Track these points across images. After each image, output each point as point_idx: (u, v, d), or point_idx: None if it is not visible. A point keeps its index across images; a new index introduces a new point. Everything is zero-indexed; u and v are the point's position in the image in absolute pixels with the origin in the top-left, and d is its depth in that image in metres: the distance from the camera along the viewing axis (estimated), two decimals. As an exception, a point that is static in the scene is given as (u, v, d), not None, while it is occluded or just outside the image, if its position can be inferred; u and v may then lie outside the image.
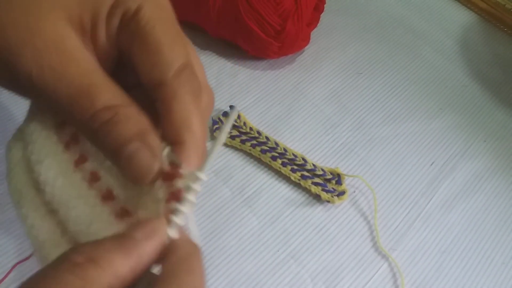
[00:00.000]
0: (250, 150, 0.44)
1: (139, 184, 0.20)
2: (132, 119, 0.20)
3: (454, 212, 0.44)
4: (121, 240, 0.18)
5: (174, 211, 0.19)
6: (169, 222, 0.19)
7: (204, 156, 0.22)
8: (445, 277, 0.40)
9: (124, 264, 0.17)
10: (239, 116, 0.46)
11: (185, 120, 0.21)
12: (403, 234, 0.42)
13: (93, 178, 0.22)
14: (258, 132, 0.45)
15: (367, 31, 0.58)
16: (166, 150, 0.20)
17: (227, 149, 0.45)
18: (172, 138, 0.21)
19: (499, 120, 0.52)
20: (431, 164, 0.47)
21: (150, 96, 0.21)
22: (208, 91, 0.23)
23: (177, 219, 0.19)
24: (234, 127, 0.45)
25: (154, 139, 0.20)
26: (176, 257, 0.18)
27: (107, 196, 0.21)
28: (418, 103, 0.52)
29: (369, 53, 0.55)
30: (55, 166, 0.21)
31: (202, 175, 0.20)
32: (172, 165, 0.20)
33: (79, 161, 0.22)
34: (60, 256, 0.17)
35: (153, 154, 0.20)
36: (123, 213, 0.21)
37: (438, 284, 0.40)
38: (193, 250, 0.19)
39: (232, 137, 0.45)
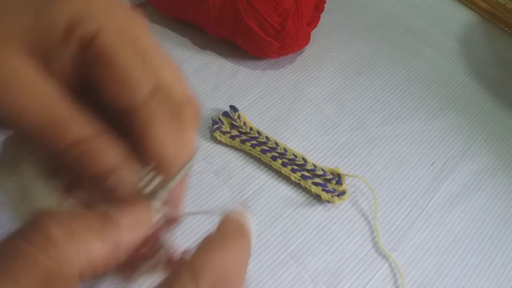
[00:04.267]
0: (250, 150, 0.44)
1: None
2: (106, 151, 0.19)
3: (454, 212, 0.44)
4: (104, 222, 0.17)
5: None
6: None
7: (185, 176, 0.21)
8: (445, 277, 0.40)
9: (100, 249, 0.17)
10: (239, 116, 0.46)
11: (163, 144, 0.20)
12: (404, 234, 0.42)
13: (70, 188, 0.22)
14: (258, 132, 0.45)
15: (367, 30, 0.57)
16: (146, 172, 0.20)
17: (227, 149, 0.45)
18: (152, 161, 0.20)
19: (500, 120, 0.52)
20: (432, 164, 0.47)
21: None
22: (189, 103, 0.22)
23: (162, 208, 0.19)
24: (234, 127, 0.45)
25: (130, 167, 0.20)
26: (233, 227, 0.19)
27: (87, 205, 0.21)
28: (419, 103, 0.52)
29: (370, 53, 0.55)
30: (36, 181, 0.21)
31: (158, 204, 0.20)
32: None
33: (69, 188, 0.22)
34: (36, 221, 0.16)
35: (132, 185, 0.19)
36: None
37: (438, 284, 0.40)
38: (245, 231, 0.19)
39: (232, 137, 0.44)
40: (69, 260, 0.16)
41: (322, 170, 0.43)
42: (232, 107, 0.46)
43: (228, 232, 0.19)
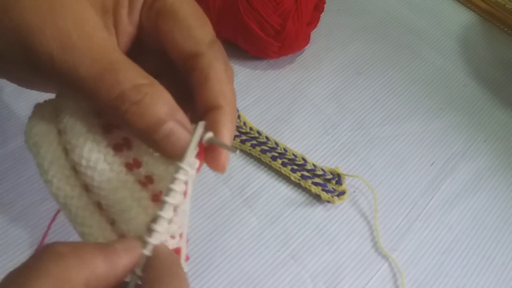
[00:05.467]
0: (250, 150, 0.44)
1: (176, 160, 0.21)
2: (161, 98, 0.20)
3: (454, 212, 0.44)
4: (103, 245, 0.19)
5: (150, 231, 0.20)
6: (149, 230, 0.20)
7: (236, 120, 0.23)
8: (445, 277, 0.40)
9: (102, 265, 0.18)
10: (239, 116, 0.46)
11: (221, 87, 0.22)
12: (404, 234, 0.42)
13: (119, 148, 0.22)
14: (258, 132, 0.45)
15: (367, 31, 0.58)
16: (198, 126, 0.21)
17: (227, 149, 0.45)
18: (211, 104, 0.22)
19: (499, 120, 0.52)
20: (432, 164, 0.47)
21: (177, 72, 0.23)
22: (229, 64, 0.25)
23: (153, 239, 0.20)
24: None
25: (183, 115, 0.21)
26: (161, 264, 0.19)
27: (132, 165, 0.22)
28: (418, 103, 0.52)
29: (369, 53, 0.55)
30: (95, 150, 0.21)
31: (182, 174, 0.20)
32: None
33: (118, 147, 0.22)
34: (45, 246, 0.17)
35: (188, 130, 0.21)
36: (147, 181, 0.22)
37: (438, 284, 0.40)
38: (174, 257, 0.20)
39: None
40: (76, 269, 0.17)
41: (322, 170, 0.43)
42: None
43: (173, 271, 0.20)
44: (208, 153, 0.22)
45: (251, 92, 0.49)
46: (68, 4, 0.20)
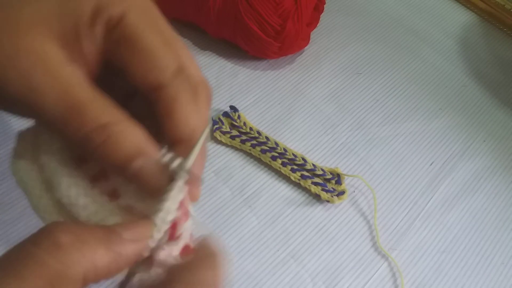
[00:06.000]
0: (250, 150, 0.44)
1: (154, 196, 0.20)
2: (128, 136, 0.20)
3: (453, 212, 0.44)
4: (108, 233, 0.18)
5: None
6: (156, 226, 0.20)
7: (204, 153, 0.22)
8: (444, 277, 0.40)
9: (105, 258, 0.17)
10: (239, 116, 0.46)
11: (187, 120, 0.21)
12: (403, 234, 0.42)
13: (97, 178, 0.22)
14: (258, 132, 0.45)
15: (367, 31, 0.58)
16: (169, 155, 0.21)
17: (227, 149, 0.45)
18: (176, 138, 0.21)
19: (498, 120, 0.52)
20: (431, 164, 0.47)
21: (146, 99, 0.21)
22: (204, 85, 0.23)
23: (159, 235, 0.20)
24: (234, 127, 0.46)
25: (153, 149, 0.20)
26: (206, 251, 0.20)
27: (112, 194, 0.22)
28: (418, 103, 0.52)
29: (369, 53, 0.55)
30: (60, 170, 0.21)
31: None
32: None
33: (96, 178, 0.22)
34: (45, 229, 0.17)
35: (157, 167, 0.20)
36: (130, 210, 0.21)
37: (437, 283, 0.40)
38: (218, 253, 0.20)
39: (232, 137, 0.45)
40: (74, 263, 0.16)
41: (322, 170, 0.43)
42: (232, 107, 0.46)
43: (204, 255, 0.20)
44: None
45: (251, 92, 0.49)
46: (30, 42, 0.19)
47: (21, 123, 0.43)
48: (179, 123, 0.21)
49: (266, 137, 0.45)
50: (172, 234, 0.20)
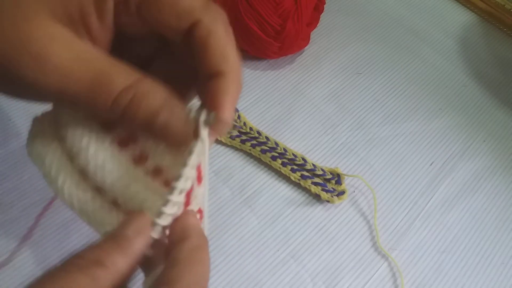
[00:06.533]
0: (250, 150, 0.44)
1: (179, 148, 0.21)
2: (152, 91, 0.20)
3: (453, 212, 0.44)
4: (117, 240, 0.19)
5: (159, 213, 0.20)
6: (159, 215, 0.20)
7: (241, 85, 0.22)
8: (444, 277, 0.40)
9: (124, 262, 0.18)
10: (239, 116, 0.46)
11: (223, 53, 0.21)
12: (403, 234, 0.42)
13: (125, 143, 0.22)
14: (258, 132, 0.45)
15: (367, 31, 0.58)
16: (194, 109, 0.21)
17: (227, 149, 0.45)
18: (212, 71, 0.21)
19: (498, 120, 0.52)
20: (431, 164, 0.47)
21: (169, 56, 0.22)
22: (229, 26, 0.24)
23: (161, 221, 0.20)
24: (234, 127, 0.46)
25: (177, 103, 0.21)
26: (188, 246, 0.19)
27: (140, 158, 0.22)
28: (418, 103, 0.52)
29: (369, 53, 0.55)
30: (87, 135, 0.22)
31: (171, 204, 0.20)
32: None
33: (124, 142, 0.22)
34: (64, 261, 0.18)
35: (183, 117, 0.21)
36: (156, 172, 0.22)
37: (437, 283, 0.40)
38: (204, 242, 0.20)
39: (232, 137, 0.45)
40: (102, 276, 0.18)
41: (322, 170, 0.43)
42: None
43: (195, 245, 0.20)
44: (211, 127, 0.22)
45: (251, 92, 0.49)
46: (37, 28, 0.19)
47: (21, 123, 0.43)
48: (219, 54, 0.21)
49: (266, 137, 0.45)
50: (187, 201, 0.21)
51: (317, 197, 0.43)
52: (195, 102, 0.22)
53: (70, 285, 0.17)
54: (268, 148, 0.44)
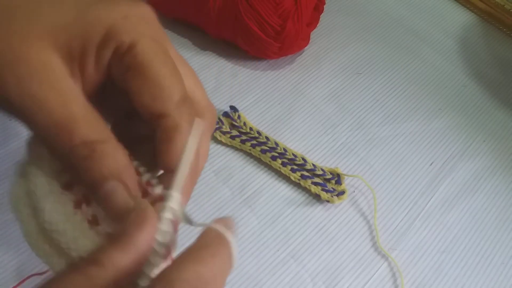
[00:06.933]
0: (250, 150, 0.44)
1: (117, 221, 0.21)
2: (109, 156, 0.20)
3: (453, 212, 0.44)
4: (116, 237, 0.19)
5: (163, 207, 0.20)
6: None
7: (197, 177, 0.23)
8: (444, 277, 0.40)
9: (124, 257, 0.18)
10: (239, 116, 0.46)
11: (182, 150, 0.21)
12: (403, 234, 0.42)
13: (79, 204, 0.22)
14: (258, 132, 0.45)
15: (367, 31, 0.58)
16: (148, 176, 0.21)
17: (227, 149, 0.45)
18: (170, 167, 0.21)
19: (498, 120, 0.52)
20: (431, 164, 0.47)
21: (146, 124, 0.22)
22: (209, 109, 0.24)
23: (168, 212, 0.20)
24: (234, 127, 0.46)
25: (130, 175, 0.21)
26: (212, 238, 0.19)
27: (92, 221, 0.22)
28: (418, 103, 0.52)
29: (369, 53, 0.55)
30: (47, 195, 0.22)
31: (176, 194, 0.20)
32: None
33: (78, 202, 0.22)
34: (64, 268, 0.18)
35: (129, 192, 0.20)
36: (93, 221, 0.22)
37: (437, 283, 0.40)
38: (225, 241, 0.19)
39: (232, 137, 0.45)
40: (99, 275, 0.17)
41: (322, 170, 0.43)
42: (232, 107, 0.46)
43: (207, 243, 0.19)
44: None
45: (251, 92, 0.49)
46: (33, 51, 0.20)
47: (21, 123, 0.43)
48: (176, 152, 0.21)
49: (266, 137, 0.45)
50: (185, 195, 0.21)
51: (317, 197, 0.43)
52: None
53: (64, 284, 0.17)
54: (268, 148, 0.44)
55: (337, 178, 0.43)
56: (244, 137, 0.45)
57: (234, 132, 0.45)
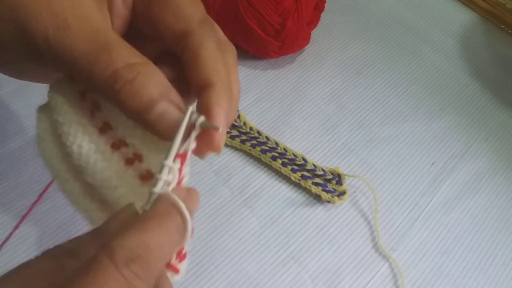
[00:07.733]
0: (250, 150, 0.44)
1: (169, 139, 0.21)
2: (155, 78, 0.20)
3: (454, 213, 0.44)
4: (98, 233, 0.19)
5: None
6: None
7: (233, 99, 0.23)
8: (445, 278, 0.40)
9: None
10: (239, 116, 0.46)
11: (213, 65, 0.22)
12: (404, 235, 0.42)
13: (117, 144, 0.22)
14: (258, 132, 0.45)
15: (367, 30, 0.57)
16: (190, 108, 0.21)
17: (227, 149, 0.45)
18: (202, 82, 0.21)
19: (500, 120, 0.52)
20: (432, 164, 0.47)
21: (172, 58, 0.22)
22: (230, 44, 0.24)
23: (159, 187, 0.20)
24: (234, 127, 0.45)
25: (176, 95, 0.21)
26: (161, 208, 0.19)
27: (132, 160, 0.22)
28: (419, 103, 0.52)
29: (370, 53, 0.55)
30: (80, 131, 0.22)
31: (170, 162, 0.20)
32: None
33: (103, 129, 0.22)
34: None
35: (180, 109, 0.21)
36: (147, 176, 0.22)
37: (438, 284, 0.40)
38: (178, 211, 0.19)
39: (232, 137, 0.44)
40: (67, 266, 0.17)
41: (322, 170, 0.43)
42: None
43: (157, 212, 0.19)
44: (203, 135, 0.21)
45: (251, 92, 0.49)
46: None
47: (20, 123, 0.43)
48: (205, 67, 0.21)
49: (266, 137, 0.44)
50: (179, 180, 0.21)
51: (317, 198, 0.42)
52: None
53: (34, 270, 0.17)
54: (268, 148, 0.44)
55: (338, 178, 0.43)
56: (244, 137, 0.44)
57: (234, 132, 0.45)
